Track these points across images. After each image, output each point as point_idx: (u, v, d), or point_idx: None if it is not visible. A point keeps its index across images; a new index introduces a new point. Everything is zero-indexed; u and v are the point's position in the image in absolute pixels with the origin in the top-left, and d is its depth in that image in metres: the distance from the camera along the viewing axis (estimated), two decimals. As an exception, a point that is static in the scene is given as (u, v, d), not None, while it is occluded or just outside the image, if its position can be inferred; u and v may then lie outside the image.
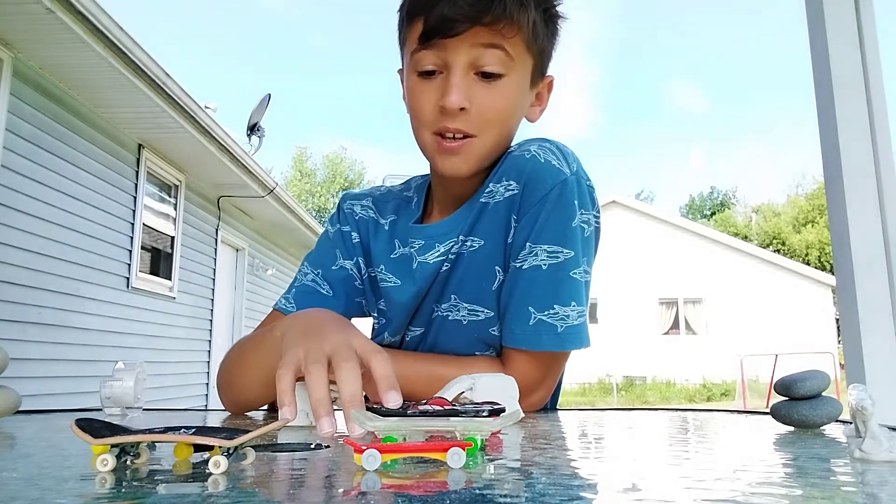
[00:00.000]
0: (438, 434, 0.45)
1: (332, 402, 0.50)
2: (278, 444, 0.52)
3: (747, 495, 0.32)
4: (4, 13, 3.58)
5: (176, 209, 6.19)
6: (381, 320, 0.97)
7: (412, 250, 0.91)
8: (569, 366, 0.93)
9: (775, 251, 25.39)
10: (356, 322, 0.78)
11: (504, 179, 0.84)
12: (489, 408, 0.46)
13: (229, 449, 0.39)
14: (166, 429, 0.40)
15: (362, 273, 0.98)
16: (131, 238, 5.30)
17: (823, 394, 0.62)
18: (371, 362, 0.53)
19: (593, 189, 0.85)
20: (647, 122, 59.49)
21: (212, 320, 6.99)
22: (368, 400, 0.53)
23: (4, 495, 0.33)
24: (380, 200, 1.01)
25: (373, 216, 1.00)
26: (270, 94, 7.98)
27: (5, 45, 3.85)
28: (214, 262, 7.06)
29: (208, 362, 6.88)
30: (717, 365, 15.04)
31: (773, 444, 0.54)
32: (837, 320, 13.67)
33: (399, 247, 0.94)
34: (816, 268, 20.74)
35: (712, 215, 36.50)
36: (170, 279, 6.03)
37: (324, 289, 0.96)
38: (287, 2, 57.21)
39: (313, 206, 29.67)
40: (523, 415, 0.61)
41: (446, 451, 0.39)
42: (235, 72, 54.66)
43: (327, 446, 0.49)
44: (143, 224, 5.50)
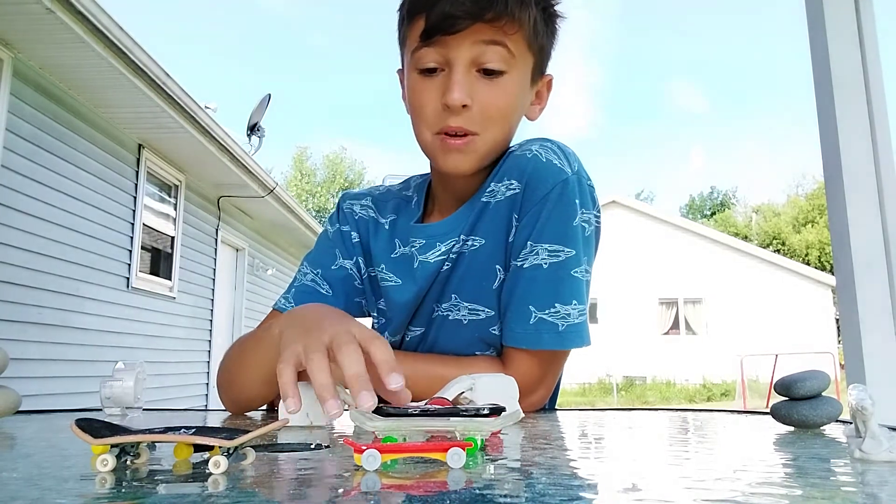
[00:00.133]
0: (438, 434, 0.45)
1: (336, 389, 0.49)
2: (278, 444, 0.52)
3: (747, 495, 0.32)
4: (4, 13, 3.58)
5: (176, 209, 6.19)
6: (381, 320, 0.97)
7: (413, 249, 0.91)
8: (569, 366, 0.93)
9: (775, 251, 25.39)
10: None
11: (505, 179, 0.84)
12: (489, 408, 0.46)
13: (229, 449, 0.39)
14: (166, 429, 0.40)
15: (362, 273, 0.98)
16: (131, 238, 5.30)
17: (823, 394, 0.62)
18: (370, 347, 0.52)
19: (594, 189, 0.85)
20: (647, 122, 59.58)
21: (212, 320, 6.99)
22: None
23: (4, 495, 0.33)
24: (379, 200, 1.01)
25: (373, 215, 1.00)
26: (270, 94, 7.98)
27: (5, 45, 3.85)
28: (214, 262, 7.06)
29: (208, 362, 6.88)
30: (717, 365, 15.04)
31: (773, 444, 0.54)
32: (837, 320, 13.67)
33: (400, 246, 0.94)
34: (816, 268, 20.74)
35: (712, 215, 36.50)
36: (170, 279, 6.03)
37: (323, 288, 0.96)
38: (287, 2, 57.28)
39: (313, 206, 29.67)
40: (523, 415, 0.61)
41: (446, 451, 0.39)
42: (235, 72, 54.74)
43: (327, 446, 0.49)
44: (143, 224, 5.50)
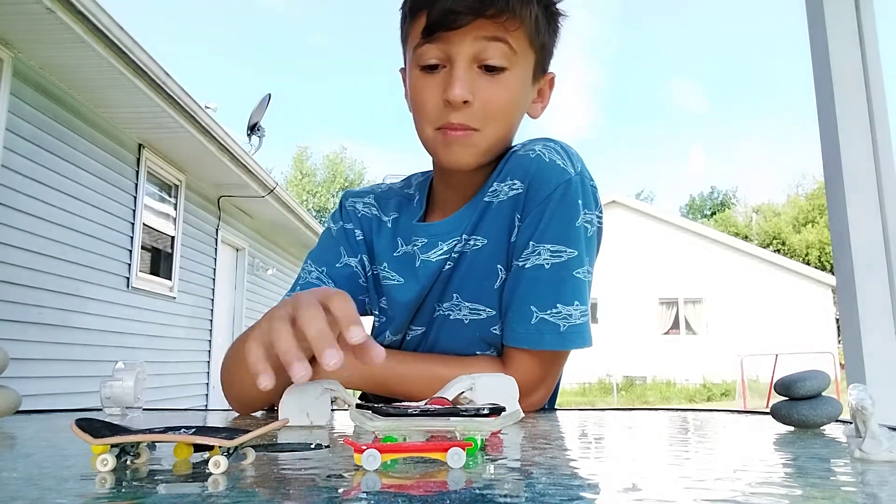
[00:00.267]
0: (438, 434, 0.45)
1: (302, 352, 0.48)
2: (278, 444, 0.52)
3: (747, 495, 0.32)
4: (4, 13, 3.58)
5: (176, 209, 6.19)
6: (383, 319, 0.97)
7: (415, 248, 0.91)
8: (569, 365, 0.93)
9: (775, 251, 25.40)
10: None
11: (508, 178, 0.84)
12: (489, 408, 0.46)
13: (229, 449, 0.39)
14: (166, 429, 0.40)
15: (366, 270, 0.98)
16: (131, 238, 5.30)
17: (823, 394, 0.62)
18: (330, 303, 0.51)
19: (597, 189, 0.85)
20: (647, 121, 59.57)
21: (212, 320, 6.99)
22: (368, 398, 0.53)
23: (4, 495, 0.33)
24: (382, 197, 1.01)
25: (375, 213, 0.99)
26: (270, 94, 7.98)
27: (5, 45, 3.85)
28: (214, 261, 7.06)
29: (208, 362, 6.88)
30: (717, 365, 15.04)
31: (773, 444, 0.54)
32: (837, 320, 13.67)
33: (402, 245, 0.94)
34: (816, 268, 20.73)
35: (712, 215, 36.50)
36: (170, 279, 6.03)
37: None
38: (287, 2, 57.27)
39: (313, 206, 29.68)
40: (523, 415, 0.61)
41: (446, 451, 0.39)
42: (235, 72, 54.73)
43: (327, 446, 0.49)
44: (144, 224, 5.50)
